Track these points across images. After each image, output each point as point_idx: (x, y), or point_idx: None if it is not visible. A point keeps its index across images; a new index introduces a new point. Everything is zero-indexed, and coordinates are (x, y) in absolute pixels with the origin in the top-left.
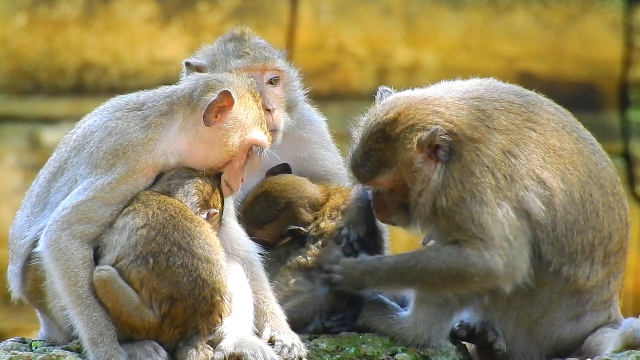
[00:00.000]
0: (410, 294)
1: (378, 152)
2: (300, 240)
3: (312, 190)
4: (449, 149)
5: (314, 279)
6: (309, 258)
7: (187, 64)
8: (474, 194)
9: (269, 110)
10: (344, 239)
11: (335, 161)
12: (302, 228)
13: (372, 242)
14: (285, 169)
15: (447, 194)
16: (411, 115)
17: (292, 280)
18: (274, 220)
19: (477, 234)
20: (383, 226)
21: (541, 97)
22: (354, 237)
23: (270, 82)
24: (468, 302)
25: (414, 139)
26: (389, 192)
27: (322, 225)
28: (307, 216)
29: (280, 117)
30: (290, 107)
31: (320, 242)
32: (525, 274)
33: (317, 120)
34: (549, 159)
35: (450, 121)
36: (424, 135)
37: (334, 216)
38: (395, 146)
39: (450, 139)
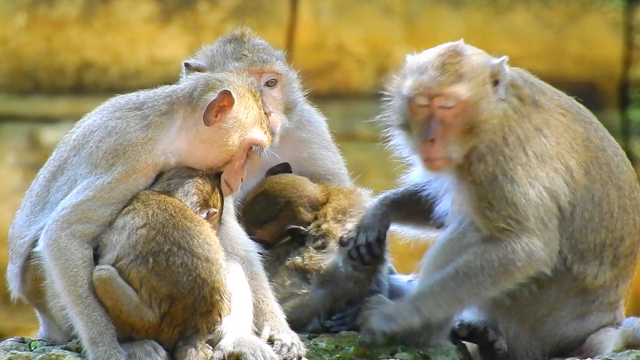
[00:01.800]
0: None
1: (455, 64)
2: (299, 240)
3: (312, 189)
4: (506, 88)
5: (311, 281)
6: (305, 260)
7: (187, 65)
8: (504, 171)
9: (266, 113)
10: (351, 242)
11: (335, 161)
12: (301, 227)
13: (378, 249)
14: (285, 168)
15: (485, 164)
16: (480, 51)
17: (288, 282)
18: (273, 219)
19: (512, 214)
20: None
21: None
22: (362, 241)
23: (268, 84)
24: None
25: (487, 62)
26: (454, 116)
27: (324, 226)
28: (307, 215)
29: (277, 120)
30: (288, 109)
31: (320, 242)
32: (557, 258)
33: (317, 120)
34: (577, 147)
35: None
36: (495, 62)
37: (339, 219)
38: (471, 61)
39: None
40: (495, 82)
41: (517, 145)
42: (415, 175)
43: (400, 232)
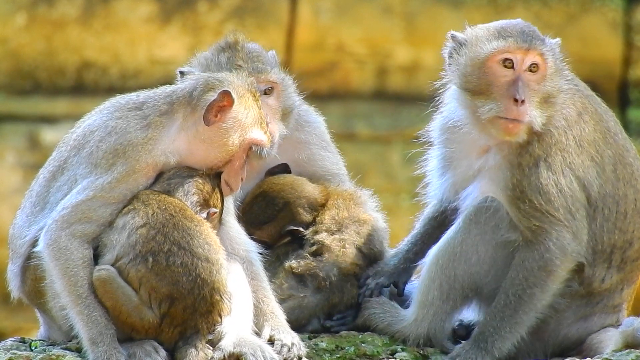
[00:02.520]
0: (412, 292)
1: (534, 32)
2: (299, 241)
3: (311, 190)
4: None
5: (307, 284)
6: (301, 265)
7: (181, 73)
8: (548, 155)
9: None
10: (364, 287)
11: (334, 161)
12: (300, 229)
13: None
14: (284, 169)
15: (539, 145)
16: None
17: (285, 285)
18: (272, 220)
19: (543, 204)
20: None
21: None
22: (371, 286)
23: (265, 92)
24: (471, 299)
25: (555, 40)
26: (537, 81)
27: (320, 237)
28: (306, 216)
29: (275, 130)
30: (286, 114)
31: (314, 249)
32: (585, 249)
33: (315, 121)
34: (609, 140)
35: None
36: (554, 41)
37: (332, 230)
38: (541, 35)
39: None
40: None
41: (561, 128)
42: (432, 164)
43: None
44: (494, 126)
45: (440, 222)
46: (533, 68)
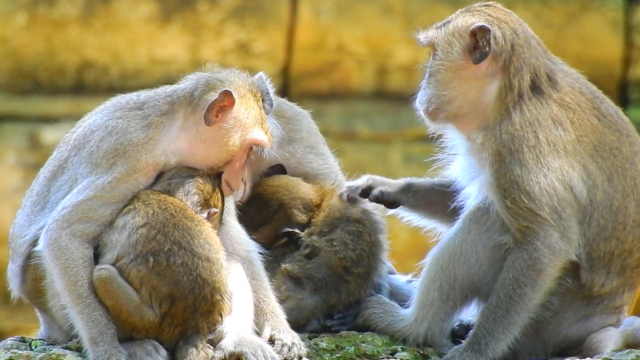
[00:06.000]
0: (412, 292)
1: (455, 15)
2: (296, 242)
3: (306, 190)
4: (484, 55)
5: (304, 286)
6: (295, 268)
7: None
8: (511, 151)
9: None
10: (356, 188)
11: (321, 162)
12: (296, 230)
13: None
14: (280, 170)
15: (487, 140)
16: (499, 17)
17: (283, 287)
18: (267, 222)
19: (526, 203)
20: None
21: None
22: (359, 190)
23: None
24: (470, 299)
25: (472, 24)
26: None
27: (312, 239)
28: (301, 217)
29: (247, 187)
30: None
31: (308, 251)
32: (576, 248)
33: (304, 127)
34: (602, 152)
35: (514, 44)
36: (478, 24)
37: (324, 232)
38: (467, 15)
39: (500, 51)
40: (475, 45)
41: (525, 126)
42: (454, 167)
43: (407, 218)
44: None
45: (444, 185)
46: (431, 52)
